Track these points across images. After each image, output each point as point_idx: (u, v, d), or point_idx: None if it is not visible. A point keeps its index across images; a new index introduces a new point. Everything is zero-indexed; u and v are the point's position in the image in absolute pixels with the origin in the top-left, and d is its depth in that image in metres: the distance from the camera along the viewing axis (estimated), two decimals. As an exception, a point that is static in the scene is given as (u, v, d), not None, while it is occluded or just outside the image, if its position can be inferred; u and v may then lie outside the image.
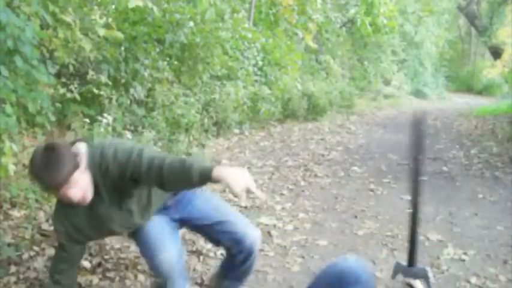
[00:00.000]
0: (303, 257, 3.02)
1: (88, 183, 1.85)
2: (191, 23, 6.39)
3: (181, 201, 2.15)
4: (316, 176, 5.10)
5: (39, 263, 2.64)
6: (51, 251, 2.77)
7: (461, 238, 3.41)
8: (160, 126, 5.05)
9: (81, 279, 2.51)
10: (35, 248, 2.79)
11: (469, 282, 2.74)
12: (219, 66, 7.22)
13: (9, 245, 2.72)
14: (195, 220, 2.16)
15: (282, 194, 4.37)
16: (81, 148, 1.89)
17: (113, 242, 2.94)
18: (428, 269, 2.09)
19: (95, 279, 2.52)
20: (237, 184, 1.62)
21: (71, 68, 4.58)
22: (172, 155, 1.86)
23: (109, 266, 2.69)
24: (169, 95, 5.79)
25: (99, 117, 4.11)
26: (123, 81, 5.41)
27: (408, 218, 2.33)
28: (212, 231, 2.15)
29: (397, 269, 2.26)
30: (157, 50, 6.01)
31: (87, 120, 4.27)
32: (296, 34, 10.83)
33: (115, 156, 1.86)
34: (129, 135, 4.12)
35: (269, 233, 3.38)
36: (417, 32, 18.00)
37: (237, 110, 7.10)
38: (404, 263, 2.22)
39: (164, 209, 2.13)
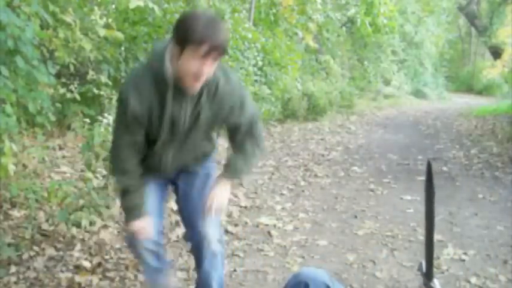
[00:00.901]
0: (303, 257, 3.02)
1: (207, 77, 1.71)
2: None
3: (194, 175, 2.07)
4: (316, 176, 5.10)
5: (39, 263, 2.64)
6: (51, 251, 2.77)
7: (461, 238, 3.41)
8: (160, 126, 5.04)
9: (81, 279, 2.51)
10: (35, 248, 2.79)
11: (469, 282, 2.74)
12: (219, 66, 7.21)
13: (9, 245, 2.72)
14: (184, 199, 2.08)
15: (282, 194, 4.38)
16: None
17: (112, 242, 2.95)
18: None
19: (95, 279, 2.52)
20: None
21: (71, 68, 4.60)
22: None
23: (109, 266, 2.69)
24: (169, 95, 5.78)
25: (99, 117, 4.10)
26: (123, 81, 5.42)
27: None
28: (185, 215, 2.09)
29: (420, 271, 2.25)
30: (158, 50, 6.01)
31: (87, 120, 4.26)
32: (296, 34, 10.83)
33: (232, 94, 1.83)
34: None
35: (269, 233, 3.39)
36: (417, 32, 18.02)
37: (237, 110, 7.09)
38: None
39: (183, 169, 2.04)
